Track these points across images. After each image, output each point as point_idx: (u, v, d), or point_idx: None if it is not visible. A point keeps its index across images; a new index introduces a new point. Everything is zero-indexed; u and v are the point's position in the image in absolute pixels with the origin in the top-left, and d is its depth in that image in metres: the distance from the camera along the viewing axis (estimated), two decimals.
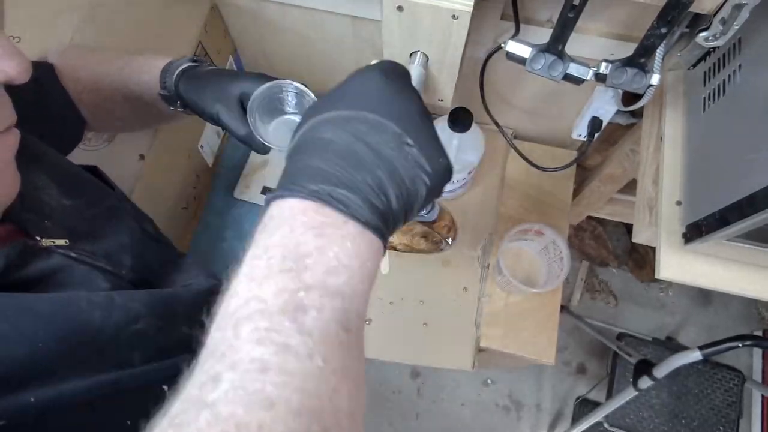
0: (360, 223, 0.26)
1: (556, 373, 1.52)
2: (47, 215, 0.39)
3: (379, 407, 1.47)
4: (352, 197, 0.26)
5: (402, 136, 0.28)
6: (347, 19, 0.72)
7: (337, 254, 0.25)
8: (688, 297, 1.58)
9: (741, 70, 0.50)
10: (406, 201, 0.28)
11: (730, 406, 1.17)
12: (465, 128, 0.68)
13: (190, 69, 0.48)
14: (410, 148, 0.28)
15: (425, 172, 0.29)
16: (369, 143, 0.27)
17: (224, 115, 0.45)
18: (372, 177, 0.27)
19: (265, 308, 0.22)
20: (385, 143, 0.27)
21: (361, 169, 0.27)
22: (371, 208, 0.26)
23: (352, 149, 0.27)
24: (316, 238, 0.25)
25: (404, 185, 0.28)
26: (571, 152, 0.89)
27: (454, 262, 0.82)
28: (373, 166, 0.27)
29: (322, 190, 0.26)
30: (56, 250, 0.37)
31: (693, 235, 0.52)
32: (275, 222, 0.26)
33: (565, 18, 0.46)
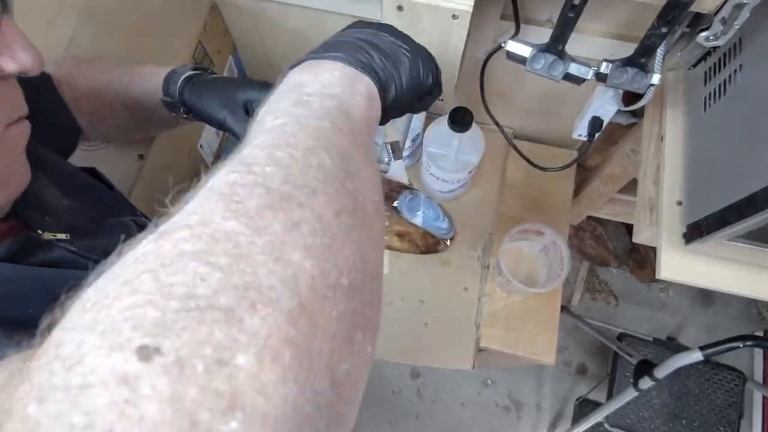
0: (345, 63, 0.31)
1: (556, 374, 1.52)
2: (48, 212, 0.39)
3: (379, 407, 1.47)
4: (337, 54, 0.32)
5: (377, 33, 0.35)
6: (347, 19, 0.72)
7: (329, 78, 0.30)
8: (688, 297, 1.58)
9: (742, 69, 0.49)
10: (391, 63, 0.34)
11: (730, 407, 1.16)
12: (465, 128, 0.68)
13: (195, 77, 0.49)
14: (386, 36, 0.35)
15: (402, 47, 0.35)
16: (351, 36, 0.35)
17: (230, 121, 0.46)
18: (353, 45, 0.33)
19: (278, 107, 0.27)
20: (363, 34, 0.35)
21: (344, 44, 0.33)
22: (354, 58, 0.32)
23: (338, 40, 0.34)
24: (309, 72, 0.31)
25: (384, 51, 0.34)
26: (572, 152, 0.89)
27: (454, 262, 0.82)
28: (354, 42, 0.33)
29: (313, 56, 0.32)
30: (58, 243, 0.38)
31: (693, 235, 0.51)
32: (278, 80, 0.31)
33: (566, 18, 0.46)
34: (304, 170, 0.22)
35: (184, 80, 0.49)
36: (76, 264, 0.38)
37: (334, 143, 0.25)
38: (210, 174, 0.23)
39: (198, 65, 0.52)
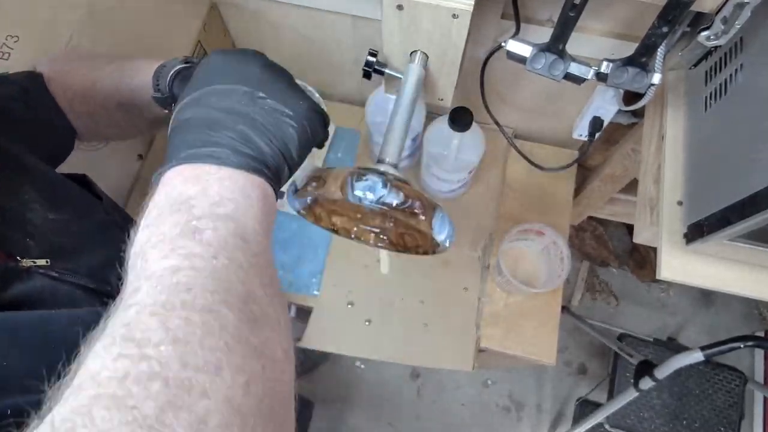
0: (232, 167, 0.28)
1: (556, 374, 1.52)
2: (30, 233, 0.38)
3: (379, 407, 1.47)
4: (218, 150, 0.29)
5: (252, 92, 0.31)
6: (347, 18, 0.72)
7: (218, 191, 0.27)
8: (689, 297, 1.58)
9: (742, 69, 0.49)
10: (279, 143, 0.31)
11: (731, 407, 1.16)
12: (465, 128, 0.68)
13: (185, 70, 0.47)
14: (264, 100, 0.31)
15: (286, 114, 0.32)
16: (222, 108, 0.30)
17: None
18: (233, 132, 0.29)
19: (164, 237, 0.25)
20: (237, 103, 0.31)
21: (221, 129, 0.29)
22: (241, 155, 0.29)
23: (209, 118, 0.30)
24: (195, 185, 0.28)
25: (268, 130, 0.31)
26: (572, 152, 0.89)
27: (454, 262, 0.82)
28: (232, 124, 0.30)
29: (191, 154, 0.29)
30: (37, 270, 0.37)
31: (694, 235, 0.51)
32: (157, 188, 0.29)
33: (566, 17, 0.46)
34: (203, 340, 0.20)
35: (173, 74, 0.47)
36: (56, 292, 0.37)
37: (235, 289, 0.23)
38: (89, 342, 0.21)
39: (189, 58, 0.50)
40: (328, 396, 1.48)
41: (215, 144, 0.29)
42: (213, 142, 0.29)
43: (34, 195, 0.40)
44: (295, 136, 0.32)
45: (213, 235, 0.25)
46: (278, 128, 0.31)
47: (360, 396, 1.48)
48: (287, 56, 0.85)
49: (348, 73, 0.85)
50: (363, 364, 1.52)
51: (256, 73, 0.33)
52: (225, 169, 0.28)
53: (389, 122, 0.48)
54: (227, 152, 0.29)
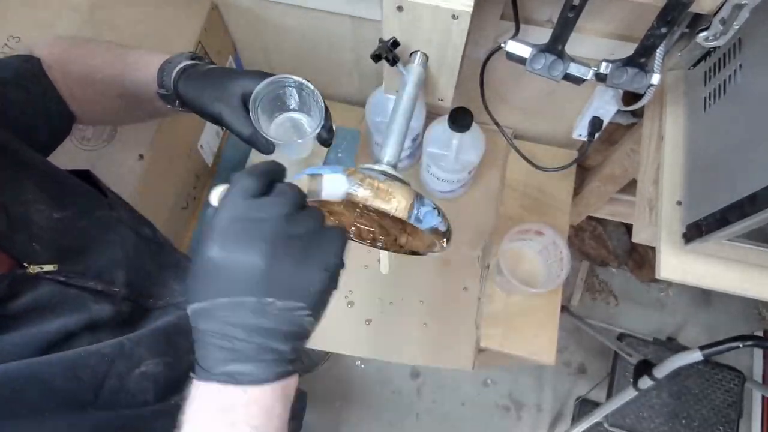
0: (257, 384, 0.31)
1: (556, 373, 1.52)
2: (36, 236, 0.38)
3: (379, 407, 1.47)
4: (242, 368, 0.31)
5: (259, 301, 0.31)
6: (347, 19, 0.72)
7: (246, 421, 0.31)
8: (688, 297, 1.58)
9: (741, 69, 0.50)
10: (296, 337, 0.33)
11: (730, 407, 1.16)
12: (465, 128, 0.68)
13: (190, 67, 0.47)
14: (272, 306, 0.31)
15: (299, 308, 0.32)
16: (236, 324, 0.31)
17: (228, 116, 0.44)
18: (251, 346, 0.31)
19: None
20: (248, 317, 0.31)
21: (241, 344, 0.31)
22: (264, 366, 0.31)
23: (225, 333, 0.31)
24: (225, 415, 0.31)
25: (284, 332, 0.32)
26: (572, 152, 0.89)
27: (454, 262, 0.82)
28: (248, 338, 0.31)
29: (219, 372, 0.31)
30: (45, 276, 0.37)
31: (693, 235, 0.52)
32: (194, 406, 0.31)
33: (565, 18, 0.46)
34: None
35: (178, 71, 0.46)
36: (64, 297, 0.37)
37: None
38: None
39: (195, 54, 0.49)
40: (328, 395, 1.48)
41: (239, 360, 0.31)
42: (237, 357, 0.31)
43: (37, 194, 0.40)
44: (312, 321, 0.33)
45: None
46: (293, 324, 0.32)
47: (360, 395, 1.48)
48: (287, 56, 0.85)
49: (348, 74, 0.85)
50: (363, 364, 1.52)
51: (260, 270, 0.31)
52: (250, 391, 0.31)
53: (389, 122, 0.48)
54: (250, 368, 0.31)
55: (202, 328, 0.32)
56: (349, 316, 0.78)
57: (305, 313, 0.32)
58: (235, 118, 0.44)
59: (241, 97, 0.45)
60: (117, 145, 0.65)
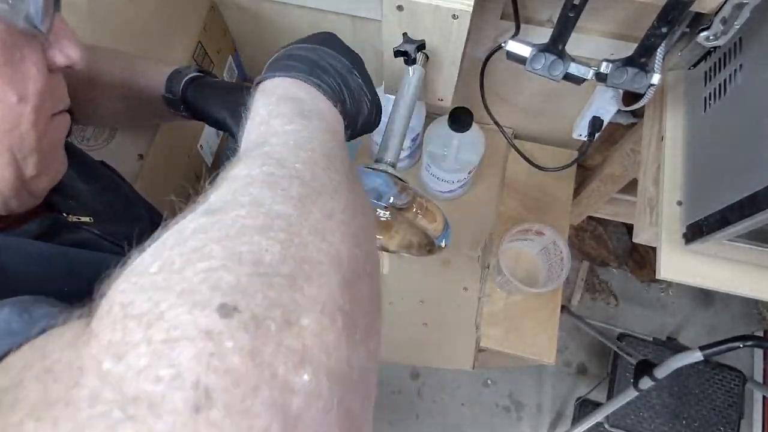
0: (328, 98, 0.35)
1: (556, 374, 1.52)
2: (71, 196, 0.40)
3: (379, 407, 1.47)
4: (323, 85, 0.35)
5: (351, 68, 0.39)
6: (347, 18, 0.72)
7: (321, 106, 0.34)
8: (688, 297, 1.58)
9: (742, 69, 0.49)
10: (356, 107, 0.39)
11: (731, 407, 1.16)
12: (465, 128, 0.68)
13: (199, 78, 0.51)
14: (356, 78, 0.39)
15: (366, 95, 0.40)
16: (330, 63, 0.37)
17: (230, 121, 0.47)
18: (333, 80, 0.37)
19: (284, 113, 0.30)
20: (341, 67, 0.38)
21: (325, 73, 0.36)
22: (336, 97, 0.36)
23: (319, 62, 0.37)
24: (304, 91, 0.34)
25: (353, 96, 0.38)
26: (572, 152, 0.89)
27: (454, 262, 0.82)
28: (334, 75, 0.37)
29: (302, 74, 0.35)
30: (82, 226, 0.39)
31: (694, 235, 0.51)
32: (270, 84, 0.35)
33: (566, 18, 0.46)
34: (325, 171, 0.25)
35: (188, 80, 0.50)
36: (100, 246, 0.39)
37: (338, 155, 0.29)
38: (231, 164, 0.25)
39: (201, 68, 0.53)
40: None
41: (321, 79, 0.35)
42: (320, 76, 0.36)
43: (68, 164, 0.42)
44: (365, 113, 0.40)
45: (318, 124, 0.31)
46: (359, 100, 0.39)
47: None
48: None
49: None
50: None
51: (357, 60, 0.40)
52: (324, 98, 0.35)
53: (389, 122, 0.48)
54: (327, 88, 0.35)
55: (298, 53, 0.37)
56: None
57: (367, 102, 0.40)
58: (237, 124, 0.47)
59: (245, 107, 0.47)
60: (117, 145, 0.66)
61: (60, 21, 0.31)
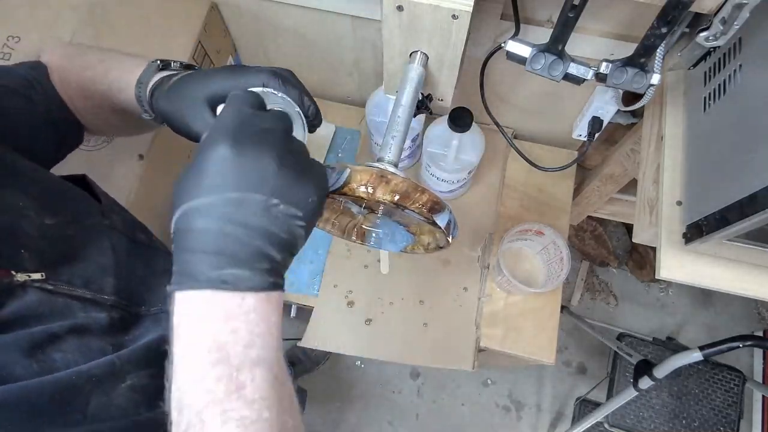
0: (254, 291, 0.30)
1: (556, 373, 1.52)
2: (24, 245, 0.38)
3: (379, 407, 1.47)
4: (239, 273, 0.30)
5: (266, 200, 0.31)
6: (347, 19, 0.72)
7: (247, 330, 0.30)
8: (688, 297, 1.58)
9: (741, 69, 0.50)
10: (289, 248, 0.33)
11: (730, 407, 1.16)
12: (465, 128, 0.68)
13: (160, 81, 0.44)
14: (277, 207, 0.31)
15: (297, 217, 0.32)
16: (238, 222, 0.30)
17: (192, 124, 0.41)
18: (250, 249, 0.31)
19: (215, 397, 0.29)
20: (252, 215, 0.31)
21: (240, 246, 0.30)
22: (259, 274, 0.31)
23: (225, 233, 0.30)
24: (225, 324, 0.30)
25: (282, 239, 0.32)
26: (572, 152, 0.89)
27: (454, 262, 0.82)
28: (248, 240, 0.31)
29: (214, 277, 0.30)
30: (32, 284, 0.37)
31: (693, 235, 0.52)
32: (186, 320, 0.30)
33: (566, 18, 0.46)
34: None
35: (151, 90, 0.44)
36: (52, 305, 0.37)
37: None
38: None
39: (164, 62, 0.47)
40: (329, 395, 1.48)
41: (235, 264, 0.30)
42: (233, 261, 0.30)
43: (26, 201, 0.39)
44: (303, 234, 0.34)
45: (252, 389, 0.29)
46: (290, 234, 0.32)
47: (360, 395, 1.48)
48: (287, 56, 0.85)
49: (348, 74, 0.85)
50: (363, 363, 1.52)
51: (270, 173, 0.31)
52: (249, 297, 0.30)
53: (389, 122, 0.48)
54: (248, 274, 0.30)
55: (199, 227, 0.30)
56: (349, 316, 0.78)
57: (301, 223, 0.33)
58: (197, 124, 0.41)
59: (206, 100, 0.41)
60: (117, 145, 0.66)
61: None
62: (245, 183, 0.31)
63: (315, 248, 0.81)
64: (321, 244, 0.81)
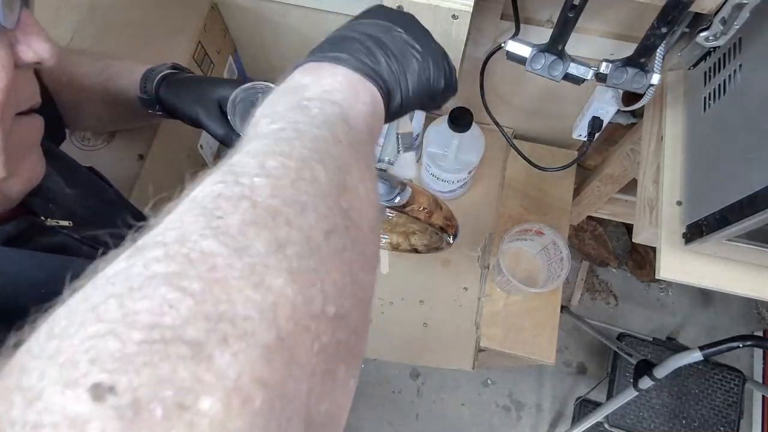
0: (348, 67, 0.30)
1: (556, 373, 1.52)
2: (52, 199, 0.40)
3: (379, 407, 1.47)
4: (342, 55, 0.31)
5: (391, 27, 0.34)
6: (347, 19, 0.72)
7: (331, 83, 0.29)
8: (688, 297, 1.58)
9: (741, 69, 0.50)
10: (399, 66, 0.33)
11: (730, 407, 1.16)
12: (465, 128, 0.68)
13: (171, 75, 0.50)
14: (398, 33, 0.34)
15: (414, 48, 0.34)
16: (360, 30, 0.33)
17: (203, 117, 0.47)
18: (360, 45, 0.32)
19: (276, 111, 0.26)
20: (374, 29, 0.33)
21: (351, 42, 0.32)
22: (359, 61, 0.31)
23: (346, 36, 0.33)
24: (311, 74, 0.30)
25: (392, 53, 0.33)
26: (572, 152, 0.89)
27: (454, 262, 0.82)
28: (361, 40, 0.32)
29: (317, 56, 0.31)
30: (61, 230, 0.38)
31: (693, 235, 0.52)
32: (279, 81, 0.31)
33: (566, 18, 0.46)
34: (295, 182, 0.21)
35: (160, 78, 0.49)
36: (79, 251, 0.38)
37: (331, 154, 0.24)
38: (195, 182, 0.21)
39: (176, 64, 0.53)
40: None
41: (340, 50, 0.31)
42: (340, 49, 0.31)
43: (50, 169, 0.41)
44: (416, 68, 0.33)
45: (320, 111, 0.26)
46: (403, 55, 0.33)
47: (360, 395, 1.49)
48: (287, 56, 0.85)
49: None
50: (363, 363, 1.52)
51: (404, 19, 0.36)
52: (341, 68, 0.30)
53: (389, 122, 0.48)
54: (347, 56, 0.31)
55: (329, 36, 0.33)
56: None
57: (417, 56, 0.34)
58: (210, 120, 0.47)
59: (217, 101, 0.47)
60: (117, 145, 0.66)
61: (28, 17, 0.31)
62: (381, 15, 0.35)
63: None
64: None
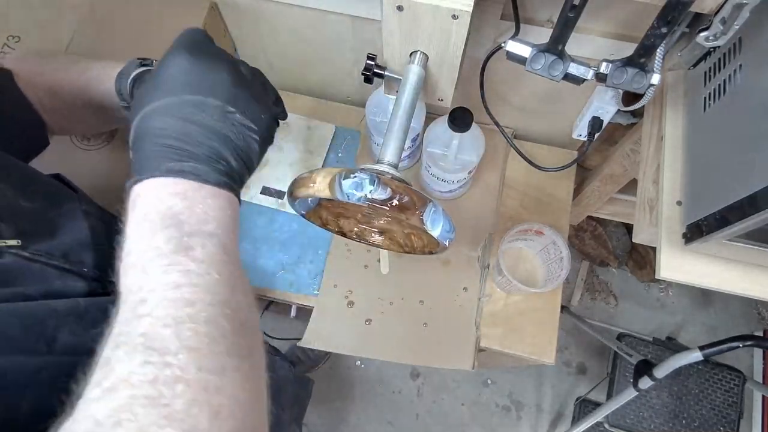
0: (211, 185, 0.32)
1: (556, 374, 1.52)
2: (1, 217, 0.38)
3: (379, 407, 1.47)
4: (199, 167, 0.31)
5: (223, 107, 0.33)
6: (347, 19, 0.72)
7: (203, 209, 0.31)
8: (688, 297, 1.58)
9: (741, 69, 0.50)
10: (245, 158, 0.35)
11: (730, 407, 1.16)
12: (465, 128, 0.68)
13: (143, 74, 0.48)
14: (233, 115, 0.34)
15: (251, 130, 0.35)
16: (196, 122, 0.32)
17: None
18: (209, 149, 0.32)
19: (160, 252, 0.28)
20: (210, 118, 0.33)
21: (198, 146, 0.32)
22: (217, 172, 0.32)
23: (185, 131, 0.32)
24: (183, 200, 0.30)
25: (237, 147, 0.34)
26: (572, 152, 0.89)
27: (454, 262, 0.82)
28: (206, 140, 0.32)
29: (174, 167, 0.31)
30: (8, 250, 0.37)
31: (693, 235, 0.52)
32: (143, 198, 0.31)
33: (566, 18, 0.46)
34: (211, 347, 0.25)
35: (131, 81, 0.48)
36: (27, 270, 0.38)
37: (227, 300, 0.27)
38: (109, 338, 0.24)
39: (144, 60, 0.50)
40: (329, 395, 1.48)
41: (194, 159, 0.31)
42: (191, 156, 0.31)
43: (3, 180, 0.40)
44: (257, 149, 0.36)
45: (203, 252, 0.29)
46: (245, 143, 0.34)
47: (360, 395, 1.49)
48: (287, 56, 0.85)
49: (348, 74, 0.85)
50: (363, 363, 1.52)
51: (227, 84, 0.34)
52: (206, 187, 0.31)
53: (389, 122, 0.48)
54: (206, 169, 0.31)
55: (158, 125, 0.32)
56: (349, 316, 0.78)
57: (255, 137, 0.35)
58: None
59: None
60: (117, 145, 0.66)
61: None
62: (203, 88, 0.33)
63: (315, 248, 0.81)
64: (321, 244, 0.81)
